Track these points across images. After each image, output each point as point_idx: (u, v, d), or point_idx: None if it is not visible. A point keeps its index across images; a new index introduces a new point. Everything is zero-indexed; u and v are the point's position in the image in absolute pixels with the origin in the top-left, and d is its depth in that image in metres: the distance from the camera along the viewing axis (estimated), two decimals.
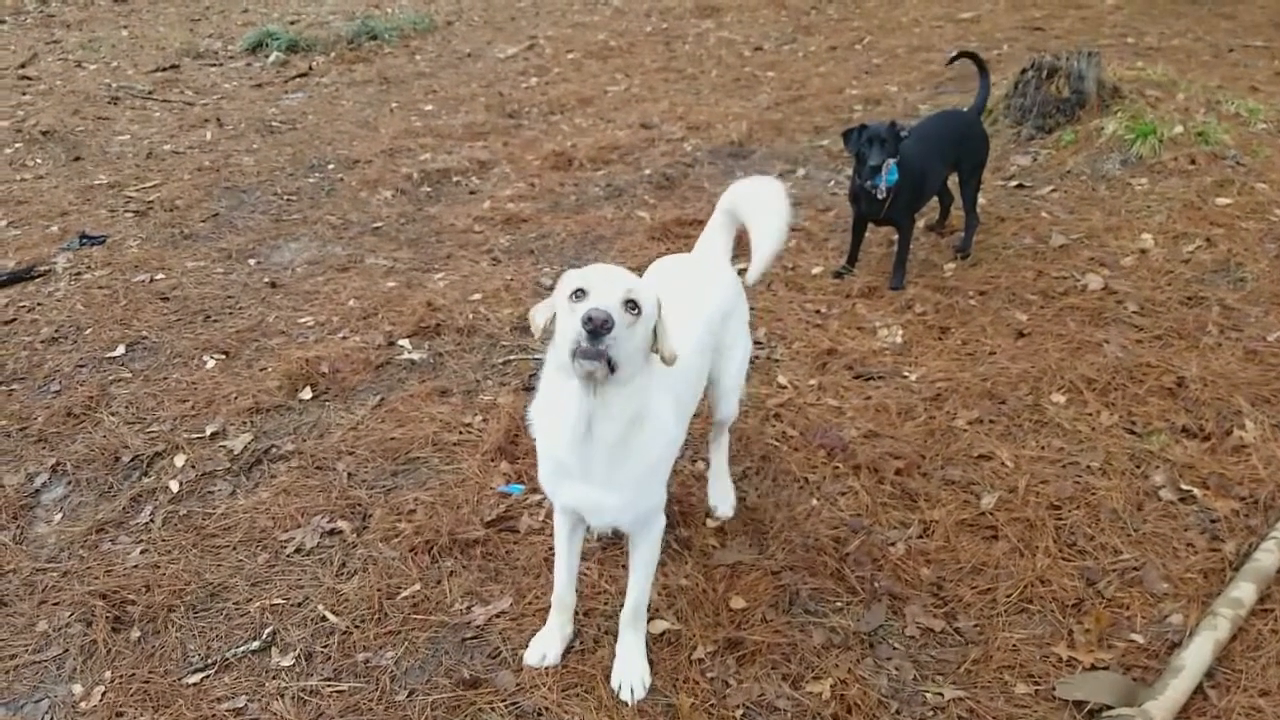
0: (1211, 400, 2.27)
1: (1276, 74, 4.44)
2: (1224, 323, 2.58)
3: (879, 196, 2.88)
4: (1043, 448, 2.20)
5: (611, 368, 1.36)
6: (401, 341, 2.94)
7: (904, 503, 2.09)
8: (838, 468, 2.21)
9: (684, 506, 2.11)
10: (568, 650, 1.78)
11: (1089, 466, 2.11)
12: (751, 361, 2.66)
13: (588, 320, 1.31)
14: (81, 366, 2.94)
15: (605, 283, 1.40)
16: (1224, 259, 2.90)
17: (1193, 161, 3.47)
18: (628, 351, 1.38)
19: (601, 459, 1.48)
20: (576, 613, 1.82)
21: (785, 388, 2.57)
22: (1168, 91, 4.00)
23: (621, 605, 1.72)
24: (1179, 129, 3.65)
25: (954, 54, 3.55)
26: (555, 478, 1.58)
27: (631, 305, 1.40)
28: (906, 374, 2.58)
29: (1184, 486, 2.02)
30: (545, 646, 1.76)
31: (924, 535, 1.98)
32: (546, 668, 1.74)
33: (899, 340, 2.74)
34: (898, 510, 2.06)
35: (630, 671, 1.68)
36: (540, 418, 1.55)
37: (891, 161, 2.82)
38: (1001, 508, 2.02)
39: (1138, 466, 2.10)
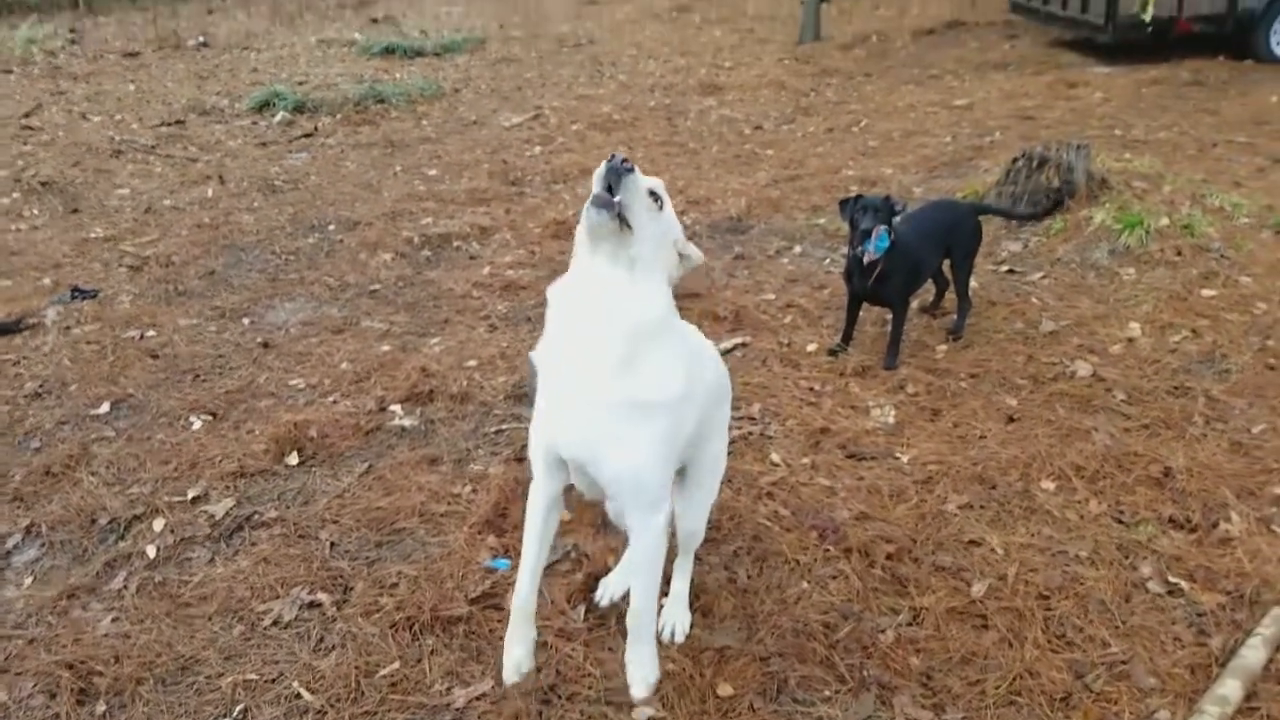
0: (1198, 491, 2.34)
1: (1259, 169, 4.70)
2: (1209, 414, 2.69)
3: (865, 260, 3.01)
4: (1032, 535, 2.26)
5: (623, 222, 1.46)
6: (393, 407, 3.01)
7: (895, 588, 2.13)
8: (829, 550, 2.25)
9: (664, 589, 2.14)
10: None
11: (1078, 555, 2.17)
12: (745, 437, 2.75)
13: (610, 158, 1.47)
14: (64, 423, 2.99)
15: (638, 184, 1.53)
16: (1209, 350, 3.02)
17: (1179, 253, 3.65)
18: (641, 219, 1.49)
19: (602, 359, 1.50)
20: (558, 695, 1.84)
21: (778, 465, 2.63)
22: (1154, 184, 4.23)
23: (608, 686, 1.74)
24: (1165, 221, 3.84)
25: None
26: (548, 414, 1.62)
27: (654, 196, 1.54)
28: (899, 455, 2.65)
29: (1171, 579, 2.07)
30: (516, 658, 1.76)
31: (914, 623, 2.01)
32: (525, 674, 1.75)
33: (891, 421, 2.82)
34: (888, 596, 2.10)
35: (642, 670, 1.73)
36: (553, 300, 1.61)
37: (883, 229, 2.97)
38: (991, 596, 2.06)
39: (1126, 557, 2.15)
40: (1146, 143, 5.22)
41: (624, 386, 1.51)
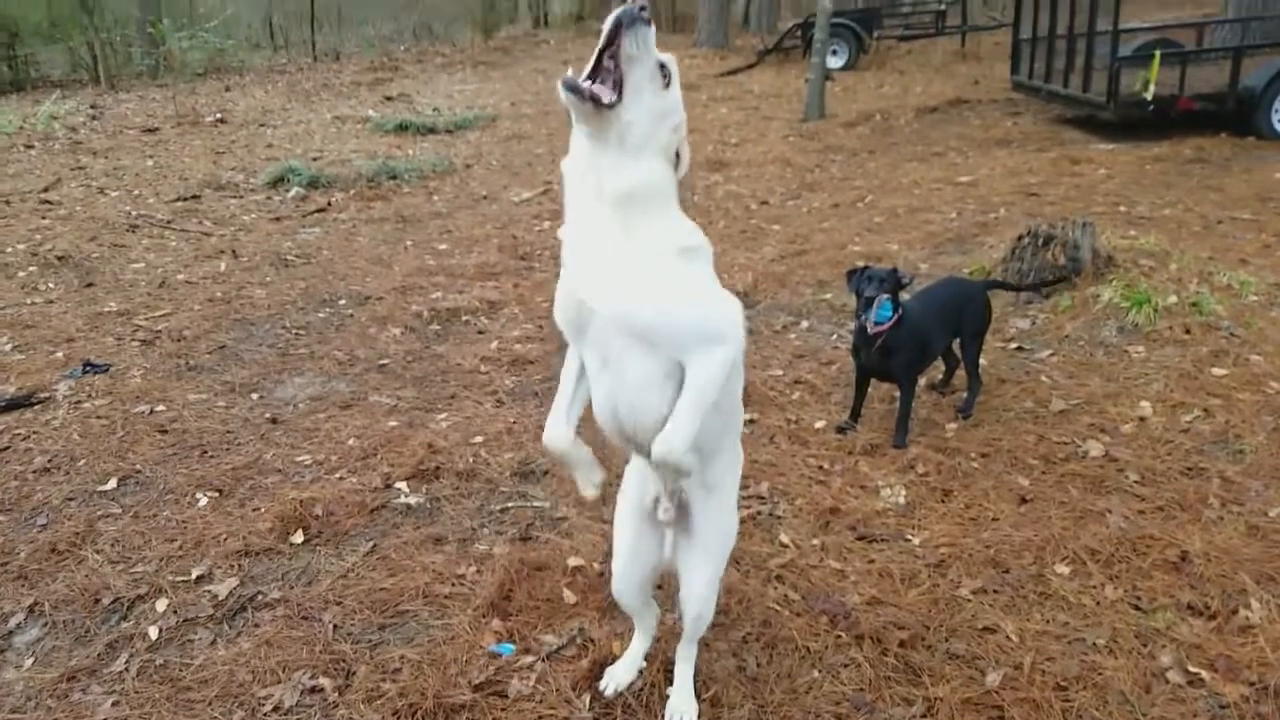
0: (1216, 577, 2.36)
1: (1265, 246, 4.84)
2: (1225, 496, 2.72)
3: (872, 333, 3.11)
4: (1048, 621, 2.27)
5: (619, 92, 1.40)
6: (399, 484, 3.07)
7: (908, 677, 2.13)
8: (840, 637, 2.27)
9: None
10: None
11: (1095, 644, 2.17)
12: (754, 517, 2.79)
13: (626, 4, 1.38)
14: (71, 499, 3.06)
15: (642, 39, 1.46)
16: (1222, 430, 3.08)
17: (1188, 331, 3.74)
18: (640, 84, 1.42)
19: (605, 233, 1.51)
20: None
21: (787, 547, 2.67)
22: (1161, 261, 4.36)
23: None
24: (1173, 299, 3.95)
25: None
26: (570, 277, 1.61)
27: (664, 70, 1.47)
28: (910, 537, 2.68)
29: (1192, 668, 2.08)
30: (582, 481, 1.79)
31: (928, 714, 2.02)
32: (599, 484, 1.79)
33: (902, 501, 2.87)
34: (901, 685, 2.10)
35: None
36: (563, 174, 1.60)
37: (885, 297, 3.07)
38: (1007, 686, 2.07)
39: (1144, 645, 2.16)
40: (1152, 220, 5.39)
41: (632, 249, 1.51)
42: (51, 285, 5.33)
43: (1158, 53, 7.62)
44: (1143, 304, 3.91)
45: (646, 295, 1.52)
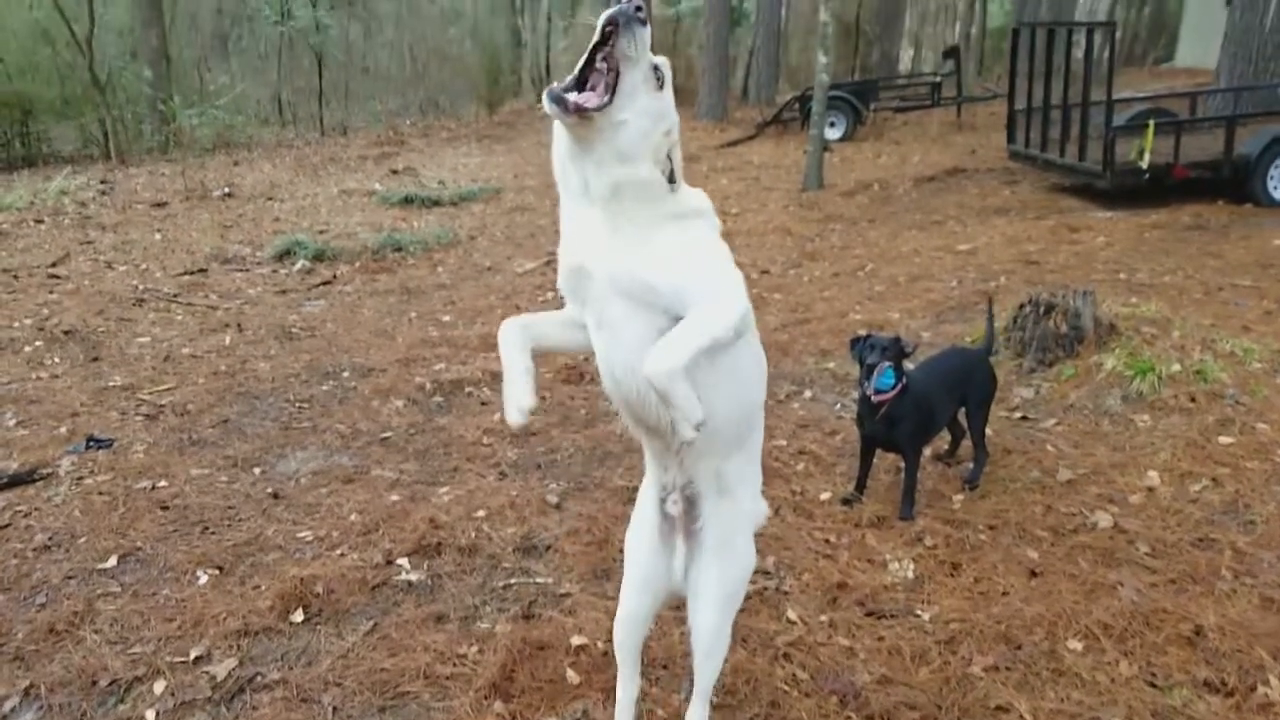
0: (1232, 652, 2.36)
1: (1266, 313, 4.95)
2: (1237, 567, 2.74)
3: (875, 401, 3.17)
4: (1062, 700, 2.27)
5: (611, 94, 1.44)
6: (400, 560, 3.10)
7: None
8: (850, 718, 2.26)
9: None
10: None
11: None
12: (760, 593, 2.81)
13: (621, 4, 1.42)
14: (70, 578, 3.09)
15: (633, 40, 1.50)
16: (1231, 500, 3.11)
17: (1193, 399, 3.80)
18: (635, 86, 1.46)
19: (603, 225, 1.57)
20: None
21: (795, 623, 2.68)
22: (1163, 329, 4.46)
23: None
24: (1177, 366, 4.03)
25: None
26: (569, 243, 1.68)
27: (657, 70, 1.52)
28: (919, 613, 2.69)
29: None
30: (515, 397, 1.67)
31: None
32: (528, 410, 1.68)
33: (910, 575, 2.88)
34: None
35: None
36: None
37: (887, 365, 3.14)
38: None
39: None
40: (1152, 287, 5.52)
41: (624, 221, 1.58)
42: (57, 360, 5.45)
43: (1152, 122, 7.92)
44: (1146, 372, 3.99)
45: (637, 253, 1.58)
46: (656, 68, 1.54)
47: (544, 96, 1.46)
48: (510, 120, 21.60)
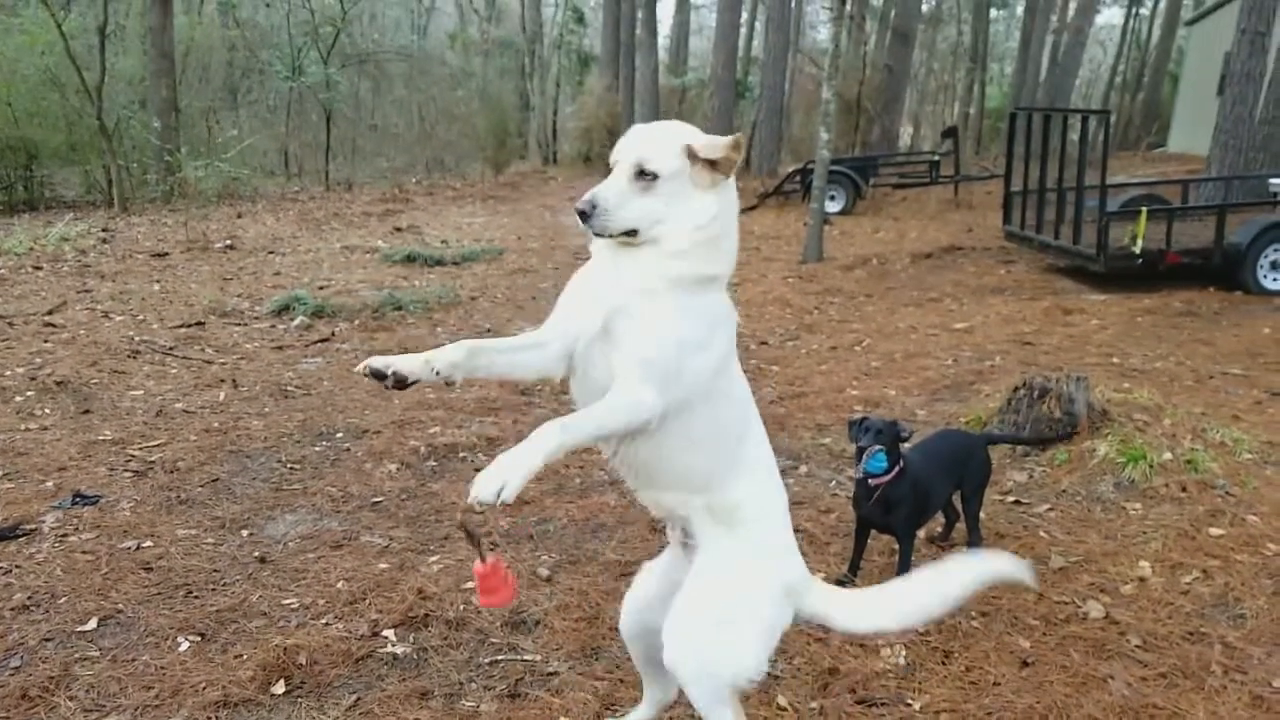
0: None
1: (1257, 402, 5.07)
2: (1227, 663, 2.77)
3: (872, 484, 3.22)
4: None
5: (620, 234, 1.63)
6: (386, 632, 3.11)
7: None
8: None
9: None
10: None
11: None
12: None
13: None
14: (48, 640, 3.08)
15: (623, 152, 1.66)
16: (1222, 593, 3.15)
17: (1183, 489, 3.88)
18: (626, 219, 1.61)
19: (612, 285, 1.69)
20: None
21: (785, 710, 2.68)
22: (1154, 416, 4.56)
23: None
24: (1168, 455, 4.12)
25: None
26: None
27: (642, 174, 1.61)
28: (911, 701, 2.70)
29: None
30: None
31: None
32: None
33: (902, 662, 2.90)
34: None
35: None
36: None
37: (878, 449, 3.21)
38: None
39: None
40: (1144, 372, 5.66)
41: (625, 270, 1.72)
42: (48, 411, 5.50)
43: (1144, 209, 8.21)
44: (1138, 460, 4.07)
45: (634, 300, 1.68)
46: (639, 172, 1.65)
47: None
48: (515, 182, 22.16)
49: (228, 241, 12.29)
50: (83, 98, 15.92)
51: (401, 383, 1.73)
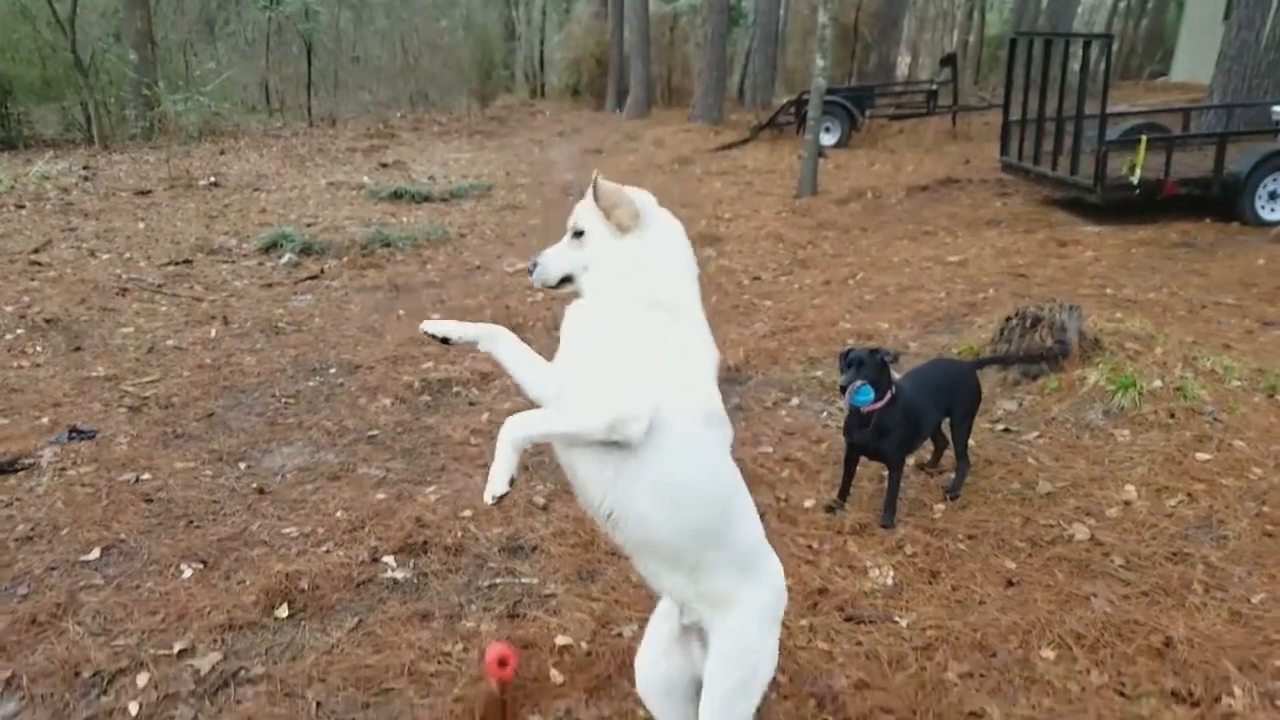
0: (1199, 663, 2.47)
1: (1248, 332, 5.09)
2: (1208, 581, 2.85)
3: (865, 412, 3.25)
4: (1033, 706, 2.36)
5: (557, 283, 1.89)
6: (386, 558, 3.16)
7: None
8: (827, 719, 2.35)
9: None
10: None
11: None
12: None
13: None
14: (53, 569, 3.13)
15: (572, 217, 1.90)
16: (1206, 515, 3.22)
17: (1172, 415, 3.92)
18: (555, 272, 1.88)
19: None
20: None
21: None
22: (1146, 345, 4.58)
23: None
24: (1158, 383, 4.15)
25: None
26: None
27: (577, 234, 1.87)
28: (898, 619, 2.78)
29: None
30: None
31: None
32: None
33: (890, 582, 2.97)
34: None
35: None
36: None
37: (860, 383, 3.22)
38: None
39: None
40: (1137, 303, 5.66)
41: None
42: (39, 349, 5.46)
43: (1144, 137, 8.07)
44: (1128, 388, 4.10)
45: (586, 318, 1.84)
46: (577, 231, 1.89)
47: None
48: (502, 116, 21.64)
49: (212, 178, 12.03)
50: (55, 30, 15.34)
51: (445, 340, 1.97)
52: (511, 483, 1.69)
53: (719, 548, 1.85)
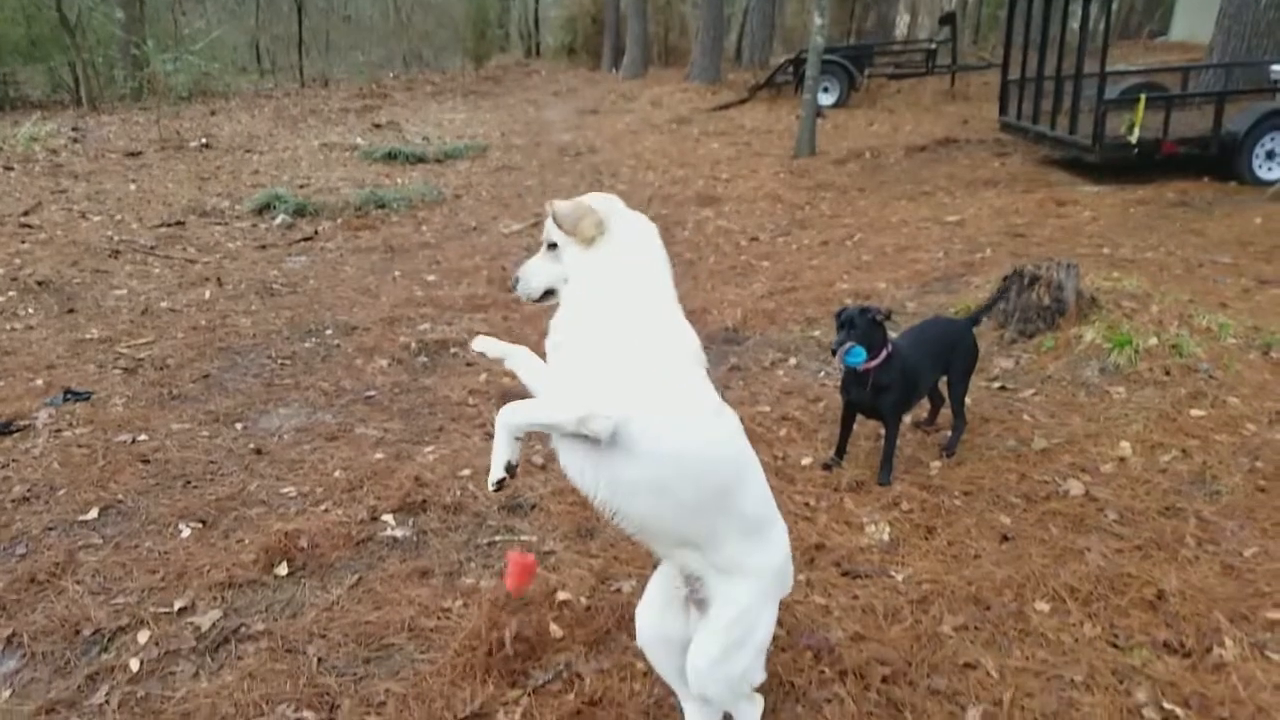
0: (1191, 615, 2.47)
1: (1244, 290, 5.05)
2: (1201, 535, 2.84)
3: (861, 370, 3.21)
4: (1027, 658, 2.37)
5: (540, 296, 1.96)
6: (385, 517, 3.15)
7: (890, 713, 2.22)
8: (824, 672, 2.35)
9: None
10: None
11: (1073, 680, 2.27)
12: None
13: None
14: (51, 529, 3.11)
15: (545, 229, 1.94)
16: (1199, 471, 3.21)
17: (1167, 372, 3.90)
18: (538, 285, 1.95)
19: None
20: None
21: None
22: (1142, 303, 4.54)
23: None
24: (1154, 340, 4.12)
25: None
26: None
27: (551, 246, 1.93)
28: (894, 574, 2.78)
29: (1167, 705, 2.18)
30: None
31: None
32: None
33: (886, 538, 2.97)
34: None
35: None
36: None
37: (850, 345, 3.18)
38: None
39: (1120, 682, 2.26)
40: (1134, 262, 5.60)
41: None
42: (31, 311, 5.39)
43: (1143, 96, 7.94)
44: (1124, 345, 4.08)
45: (564, 318, 1.91)
46: (551, 244, 1.93)
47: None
48: (497, 75, 21.25)
49: (203, 140, 11.82)
50: None
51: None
52: (509, 469, 1.80)
53: (726, 521, 1.88)
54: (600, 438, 1.72)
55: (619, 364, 1.79)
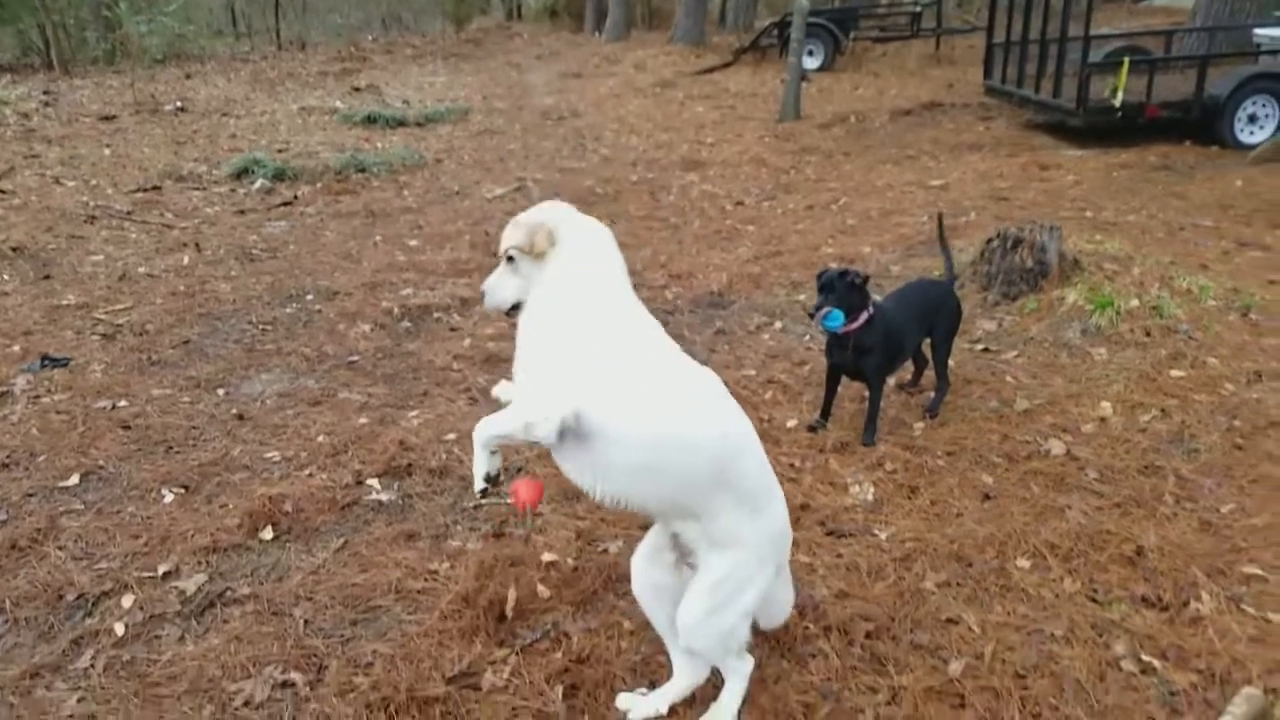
0: (1169, 570, 2.50)
1: (1224, 252, 5.06)
2: (1179, 493, 2.87)
3: (841, 331, 3.19)
4: (1008, 613, 2.38)
5: (510, 309, 1.93)
6: (370, 481, 3.11)
7: (873, 667, 2.23)
8: (808, 628, 2.36)
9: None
10: None
11: (1053, 634, 2.29)
12: None
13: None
14: (31, 495, 3.05)
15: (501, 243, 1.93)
16: (1178, 430, 3.23)
17: (1148, 334, 3.91)
18: (504, 298, 1.94)
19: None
20: None
21: None
22: (1124, 265, 4.54)
23: None
24: (1135, 302, 4.12)
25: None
26: None
27: (509, 259, 1.92)
28: (877, 532, 2.79)
29: (1144, 657, 2.20)
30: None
31: (892, 702, 2.11)
32: None
33: (870, 498, 2.97)
34: (867, 675, 2.20)
35: None
36: None
37: (828, 309, 3.16)
38: (969, 675, 2.17)
39: (1100, 635, 2.28)
40: (1117, 225, 5.59)
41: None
42: (6, 277, 5.25)
43: (1126, 59, 7.87)
44: (1106, 307, 4.07)
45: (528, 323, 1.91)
46: (509, 256, 1.91)
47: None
48: (478, 38, 20.78)
49: (178, 104, 11.49)
50: None
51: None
52: (490, 479, 1.91)
53: (724, 494, 1.88)
54: (546, 442, 1.78)
55: (568, 363, 1.80)
